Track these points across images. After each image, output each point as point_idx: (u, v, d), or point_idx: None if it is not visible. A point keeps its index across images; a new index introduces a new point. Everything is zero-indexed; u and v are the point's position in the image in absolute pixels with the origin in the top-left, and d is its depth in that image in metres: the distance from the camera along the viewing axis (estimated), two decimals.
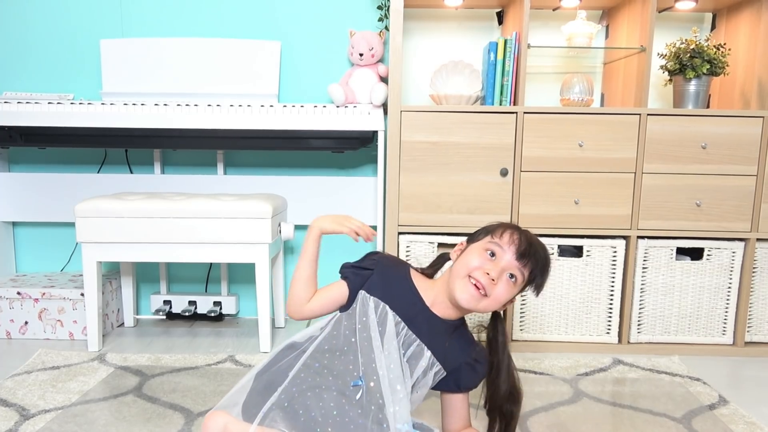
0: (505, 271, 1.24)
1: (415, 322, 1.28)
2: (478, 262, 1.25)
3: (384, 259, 1.35)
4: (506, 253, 1.25)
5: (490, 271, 1.23)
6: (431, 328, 1.29)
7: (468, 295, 1.23)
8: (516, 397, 1.33)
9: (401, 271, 1.35)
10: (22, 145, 2.27)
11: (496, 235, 1.27)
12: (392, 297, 1.29)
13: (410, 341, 1.28)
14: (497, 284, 1.23)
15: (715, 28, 2.44)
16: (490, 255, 1.25)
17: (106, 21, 2.48)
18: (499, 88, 2.16)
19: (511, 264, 1.25)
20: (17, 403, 1.68)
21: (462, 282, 1.24)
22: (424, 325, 1.29)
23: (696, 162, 2.12)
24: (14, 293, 2.25)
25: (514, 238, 1.26)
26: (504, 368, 1.32)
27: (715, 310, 2.20)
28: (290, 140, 2.27)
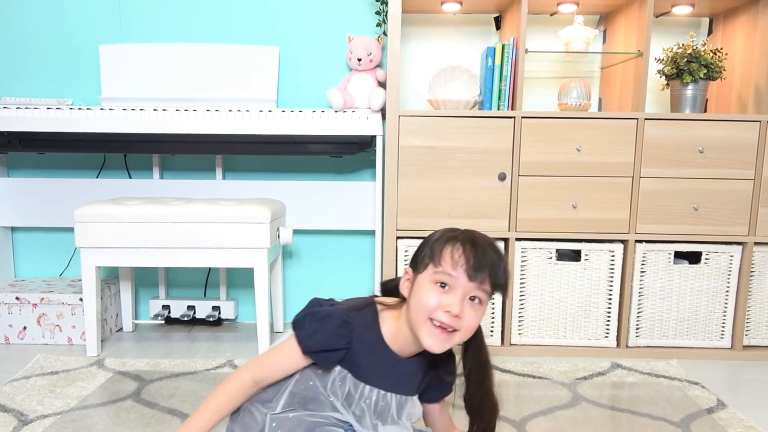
0: (465, 297, 1.10)
1: (401, 384, 1.20)
2: (434, 300, 1.09)
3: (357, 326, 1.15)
4: (458, 278, 1.09)
5: (450, 308, 1.08)
6: (414, 375, 1.22)
7: (438, 341, 1.10)
8: (494, 413, 1.26)
9: (374, 333, 1.17)
10: (21, 150, 2.27)
11: (440, 261, 1.10)
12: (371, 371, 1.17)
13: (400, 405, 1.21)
14: (463, 316, 1.09)
15: (711, 32, 2.45)
16: (441, 287, 1.10)
17: (105, 26, 2.48)
18: (497, 92, 2.17)
19: (468, 288, 1.09)
20: (16, 409, 1.68)
21: (426, 329, 1.10)
22: (410, 379, 1.22)
23: (693, 166, 2.13)
24: (13, 298, 2.25)
25: (458, 257, 1.09)
26: (484, 388, 1.24)
27: (713, 313, 2.21)
28: (289, 145, 2.27)
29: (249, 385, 1.15)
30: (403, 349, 1.18)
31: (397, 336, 1.17)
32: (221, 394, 1.14)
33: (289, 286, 2.61)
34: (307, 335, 1.13)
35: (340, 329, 1.14)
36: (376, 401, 1.18)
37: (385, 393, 1.19)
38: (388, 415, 1.20)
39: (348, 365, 1.16)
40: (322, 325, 1.13)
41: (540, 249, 2.17)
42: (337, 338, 1.13)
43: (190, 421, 1.13)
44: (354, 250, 2.61)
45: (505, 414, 1.69)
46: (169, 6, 2.48)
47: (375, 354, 1.17)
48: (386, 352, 1.17)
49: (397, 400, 1.21)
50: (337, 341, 1.13)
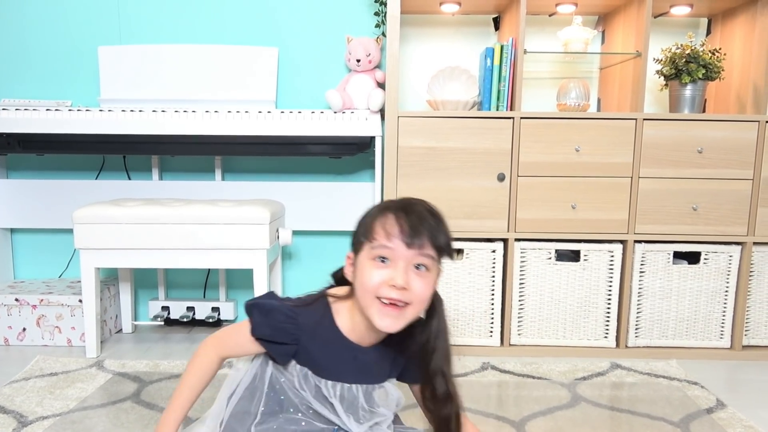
0: (408, 267, 1.05)
1: (365, 374, 1.17)
2: (377, 277, 1.04)
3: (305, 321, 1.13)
4: (396, 249, 1.04)
5: (394, 282, 1.03)
6: (378, 362, 1.18)
7: (391, 319, 1.05)
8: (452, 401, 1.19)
9: (327, 327, 1.14)
10: (20, 151, 2.28)
11: (374, 236, 1.06)
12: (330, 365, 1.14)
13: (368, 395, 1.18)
14: (411, 287, 1.05)
15: (710, 33, 2.46)
16: (382, 261, 1.05)
17: (103, 28, 2.48)
18: (496, 93, 2.17)
19: (409, 256, 1.04)
20: (15, 410, 1.68)
21: (375, 309, 1.05)
22: (376, 367, 1.18)
23: (692, 166, 2.13)
24: (12, 300, 2.25)
25: (391, 227, 1.04)
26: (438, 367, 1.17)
27: (712, 313, 2.21)
28: (288, 146, 2.27)
29: (216, 361, 1.17)
30: (364, 337, 1.15)
31: (355, 326, 1.14)
32: (192, 374, 1.16)
33: (289, 287, 2.61)
34: (256, 323, 1.13)
35: (284, 325, 1.12)
36: (341, 395, 1.15)
37: (349, 386, 1.15)
38: (358, 406, 1.16)
39: (305, 362, 1.14)
40: (266, 319, 1.12)
41: (539, 249, 2.18)
42: (280, 333, 1.12)
43: (171, 404, 1.16)
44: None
45: (505, 414, 1.69)
46: (167, 7, 2.48)
47: (331, 348, 1.14)
48: (344, 345, 1.14)
49: (364, 390, 1.17)
50: (280, 336, 1.12)
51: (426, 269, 1.06)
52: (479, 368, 2.06)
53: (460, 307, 2.20)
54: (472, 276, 2.18)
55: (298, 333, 1.12)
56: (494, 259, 2.17)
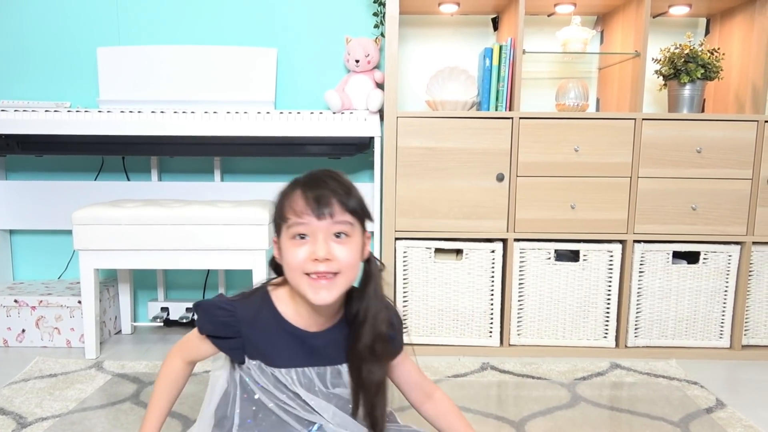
0: (327, 237, 1.04)
1: (317, 356, 1.14)
2: (300, 254, 1.03)
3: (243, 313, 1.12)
4: (309, 224, 1.03)
5: (316, 255, 1.02)
6: (330, 345, 1.14)
7: (323, 291, 1.04)
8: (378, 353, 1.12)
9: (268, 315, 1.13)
10: (19, 153, 2.28)
11: (286, 216, 1.06)
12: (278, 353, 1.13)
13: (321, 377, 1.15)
14: (334, 256, 1.03)
15: (709, 33, 2.46)
16: (301, 238, 1.04)
17: (102, 29, 2.48)
18: (495, 93, 2.17)
19: (324, 226, 1.03)
20: (14, 411, 1.68)
21: (305, 285, 1.04)
22: (329, 349, 1.14)
23: (691, 166, 2.13)
24: (11, 301, 2.25)
25: (299, 204, 1.04)
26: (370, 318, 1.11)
27: (711, 313, 2.21)
28: (287, 146, 2.27)
29: (183, 366, 1.19)
30: (311, 322, 1.13)
31: (299, 310, 1.13)
32: (162, 383, 1.19)
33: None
34: (199, 322, 1.15)
35: (222, 319, 1.12)
36: (298, 380, 1.13)
37: (303, 369, 1.13)
38: (316, 389, 1.14)
39: (255, 355, 1.13)
40: (206, 315, 1.13)
41: (538, 249, 2.18)
42: (221, 328, 1.12)
43: (147, 413, 1.17)
44: None
45: (504, 414, 1.69)
46: (166, 8, 2.48)
47: (275, 336, 1.12)
48: (288, 330, 1.12)
49: (317, 372, 1.15)
50: (222, 330, 1.12)
51: (346, 236, 1.05)
52: (479, 368, 2.06)
53: (460, 308, 2.20)
54: (471, 276, 2.18)
55: (237, 325, 1.11)
56: (493, 260, 2.17)
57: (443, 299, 2.20)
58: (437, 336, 2.23)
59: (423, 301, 2.21)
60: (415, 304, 2.21)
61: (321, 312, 1.12)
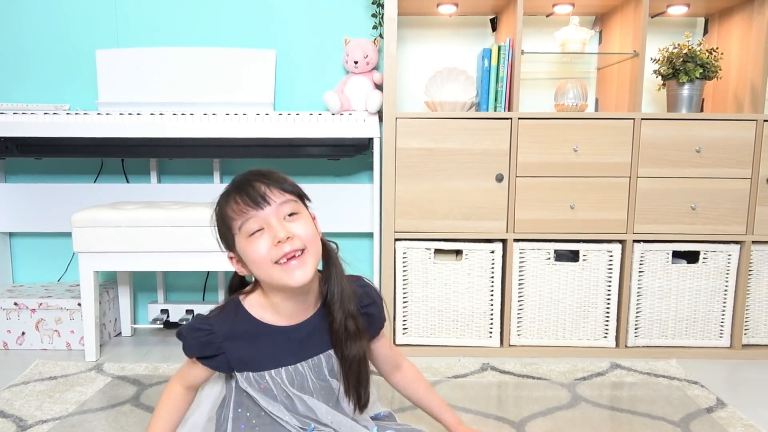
0: (280, 220, 1.08)
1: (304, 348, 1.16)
2: (263, 246, 1.06)
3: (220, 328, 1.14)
4: (256, 216, 1.07)
5: (278, 238, 1.06)
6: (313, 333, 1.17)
7: (297, 270, 1.07)
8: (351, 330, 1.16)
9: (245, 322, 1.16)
10: (18, 155, 2.27)
11: (233, 222, 1.09)
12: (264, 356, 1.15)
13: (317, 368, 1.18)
14: (294, 233, 1.07)
15: (707, 32, 2.46)
16: (258, 232, 1.07)
17: (101, 31, 2.48)
18: (494, 94, 2.17)
19: (270, 213, 1.08)
20: (14, 414, 1.67)
21: (279, 272, 1.07)
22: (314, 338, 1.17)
23: (690, 166, 2.13)
24: (11, 304, 2.25)
25: (238, 205, 1.08)
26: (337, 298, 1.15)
27: (711, 313, 2.21)
28: (286, 148, 2.27)
29: (182, 392, 1.20)
30: (292, 316, 1.16)
31: (276, 309, 1.15)
32: (162, 408, 1.20)
33: None
34: (184, 347, 1.16)
35: (202, 339, 1.14)
36: (289, 378, 1.15)
37: (294, 366, 1.16)
38: (308, 384, 1.17)
39: (240, 366, 1.15)
40: (188, 340, 1.15)
41: (538, 250, 2.18)
42: (205, 348, 1.14)
43: None
44: (352, 252, 2.58)
45: (505, 415, 1.69)
46: (165, 10, 2.48)
47: (257, 341, 1.15)
48: (269, 332, 1.15)
49: (310, 365, 1.17)
50: (206, 350, 1.14)
51: (295, 213, 1.10)
52: (479, 369, 2.06)
53: (460, 308, 2.20)
54: (471, 277, 2.18)
55: (217, 341, 1.13)
56: (493, 260, 2.17)
57: (443, 300, 2.20)
58: (437, 337, 2.23)
59: (423, 302, 2.21)
60: (414, 305, 2.21)
61: (299, 301, 1.15)
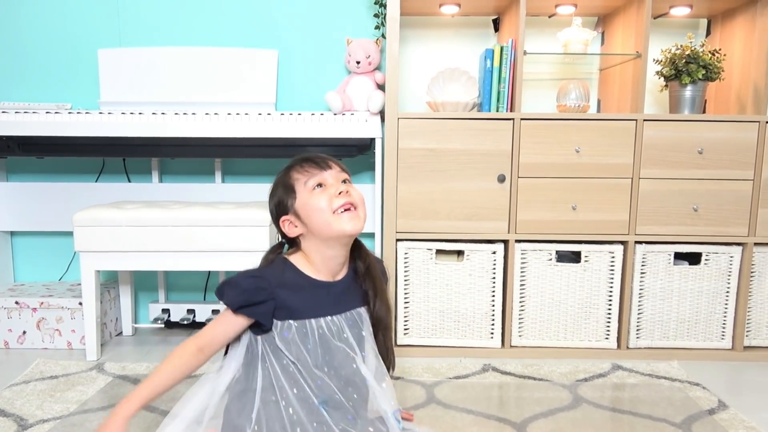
0: (338, 181, 1.28)
1: (342, 303, 1.31)
2: (324, 198, 1.25)
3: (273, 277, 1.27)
4: (320, 175, 1.27)
5: (339, 190, 1.26)
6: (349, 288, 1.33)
7: (353, 219, 1.25)
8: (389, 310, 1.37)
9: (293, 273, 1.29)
10: (20, 154, 2.27)
11: (298, 178, 1.28)
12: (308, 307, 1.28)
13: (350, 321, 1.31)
14: (350, 193, 1.27)
15: (710, 33, 2.46)
16: (319, 187, 1.27)
17: (103, 31, 2.48)
18: (496, 94, 2.17)
19: (332, 174, 1.28)
20: (15, 413, 1.67)
21: (338, 220, 1.25)
22: (349, 294, 1.33)
23: (693, 167, 2.13)
24: (12, 303, 2.25)
25: (304, 168, 1.28)
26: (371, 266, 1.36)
27: (713, 314, 2.20)
28: (288, 148, 2.27)
29: (192, 351, 1.26)
30: (329, 273, 1.32)
31: (317, 266, 1.30)
32: (167, 362, 1.26)
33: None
34: (231, 298, 1.23)
35: (255, 285, 1.24)
36: (327, 327, 1.27)
37: (331, 317, 1.29)
38: (344, 335, 1.28)
39: (283, 315, 1.25)
40: (238, 289, 1.23)
41: (540, 251, 2.17)
42: (256, 293, 1.23)
43: (140, 386, 1.24)
44: None
45: (506, 416, 1.69)
46: (167, 10, 2.48)
47: (304, 289, 1.28)
48: (314, 284, 1.29)
49: (345, 318, 1.31)
50: (257, 295, 1.23)
51: (348, 182, 1.31)
52: (480, 370, 2.06)
53: (461, 309, 2.20)
54: (472, 277, 2.18)
55: (270, 287, 1.24)
56: (495, 261, 2.17)
57: (444, 300, 2.20)
58: (438, 337, 2.22)
59: (424, 303, 2.20)
60: (416, 306, 2.21)
61: (339, 257, 1.31)
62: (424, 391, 1.87)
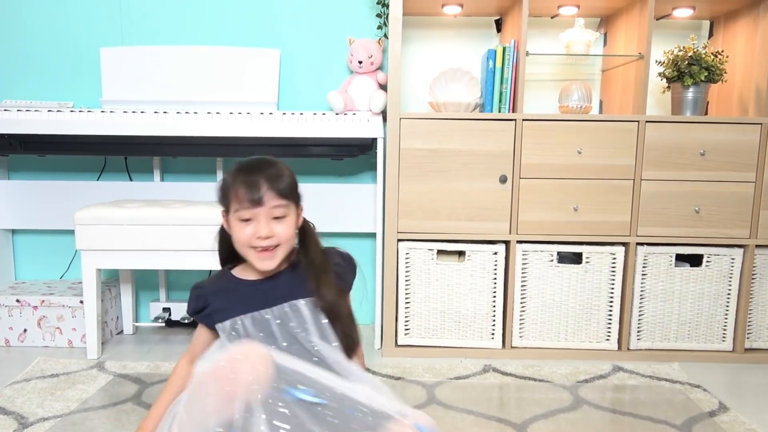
0: (267, 219, 1.26)
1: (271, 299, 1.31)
2: (245, 234, 1.27)
3: (209, 285, 1.37)
4: (251, 209, 1.26)
5: (259, 234, 1.25)
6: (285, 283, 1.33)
7: (266, 260, 1.28)
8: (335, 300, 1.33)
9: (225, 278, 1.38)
10: (21, 152, 2.28)
11: (232, 204, 1.27)
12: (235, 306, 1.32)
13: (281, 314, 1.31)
14: (274, 232, 1.26)
15: (712, 35, 2.45)
16: (247, 221, 1.27)
17: (105, 29, 2.48)
18: (498, 95, 2.17)
19: (262, 212, 1.26)
20: (16, 411, 1.67)
21: (252, 256, 1.29)
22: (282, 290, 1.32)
23: (695, 169, 2.13)
24: (13, 301, 2.25)
25: (241, 195, 1.25)
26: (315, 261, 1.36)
27: (714, 316, 2.20)
28: (290, 147, 2.27)
29: (184, 365, 1.37)
30: (259, 272, 1.33)
31: (248, 265, 1.34)
32: (170, 381, 1.38)
33: None
34: (187, 309, 1.39)
35: (195, 293, 1.36)
36: (253, 323, 1.30)
37: (258, 312, 1.31)
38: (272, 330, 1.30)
39: (221, 316, 1.33)
40: (189, 300, 1.37)
41: (541, 252, 2.17)
42: (196, 301, 1.35)
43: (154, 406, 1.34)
44: (355, 252, 2.56)
45: (506, 417, 1.69)
46: (169, 9, 2.48)
47: (231, 291, 1.34)
48: (241, 283, 1.35)
49: (277, 310, 1.31)
50: (198, 303, 1.35)
51: (282, 217, 1.29)
52: (481, 370, 2.06)
53: (462, 309, 2.20)
54: (473, 278, 2.18)
55: (205, 294, 1.35)
56: (496, 261, 2.17)
57: (445, 301, 2.20)
58: (439, 338, 2.22)
59: (425, 303, 2.20)
60: (417, 306, 2.21)
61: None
62: (425, 391, 1.87)
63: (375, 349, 2.30)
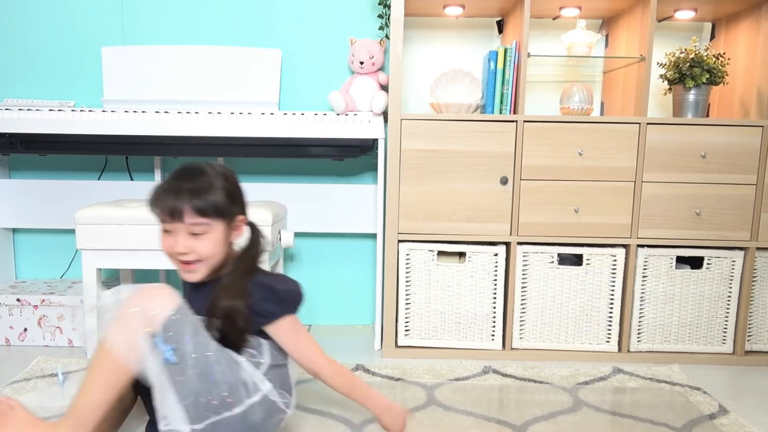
0: (185, 235, 1.26)
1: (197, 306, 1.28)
2: (165, 246, 1.28)
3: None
4: (170, 223, 1.26)
5: (176, 250, 1.26)
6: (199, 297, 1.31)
7: (188, 273, 1.29)
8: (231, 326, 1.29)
9: None
10: (22, 152, 2.28)
11: (155, 213, 1.28)
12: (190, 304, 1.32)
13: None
14: (193, 249, 1.26)
15: (714, 37, 2.45)
16: (167, 232, 1.27)
17: (107, 28, 2.48)
18: (499, 96, 2.17)
19: (181, 227, 1.25)
20: None
21: (177, 266, 1.30)
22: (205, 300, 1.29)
23: (696, 171, 2.12)
24: (14, 300, 2.25)
25: (161, 208, 1.26)
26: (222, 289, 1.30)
27: (715, 319, 2.20)
28: (290, 148, 2.27)
29: None
30: None
31: None
32: None
33: None
34: None
35: None
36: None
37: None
38: None
39: None
40: None
41: (542, 253, 2.17)
42: None
43: None
44: (355, 253, 2.61)
45: (506, 418, 1.69)
46: (171, 8, 2.48)
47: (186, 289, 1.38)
48: (187, 285, 1.36)
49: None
50: None
51: (201, 234, 1.26)
52: (481, 372, 2.06)
53: (462, 311, 2.20)
54: (474, 279, 2.18)
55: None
56: (496, 263, 2.17)
57: (446, 302, 2.20)
58: (439, 339, 2.22)
59: (425, 304, 2.20)
60: (417, 307, 2.21)
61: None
62: (425, 392, 1.87)
63: (375, 350, 2.30)
